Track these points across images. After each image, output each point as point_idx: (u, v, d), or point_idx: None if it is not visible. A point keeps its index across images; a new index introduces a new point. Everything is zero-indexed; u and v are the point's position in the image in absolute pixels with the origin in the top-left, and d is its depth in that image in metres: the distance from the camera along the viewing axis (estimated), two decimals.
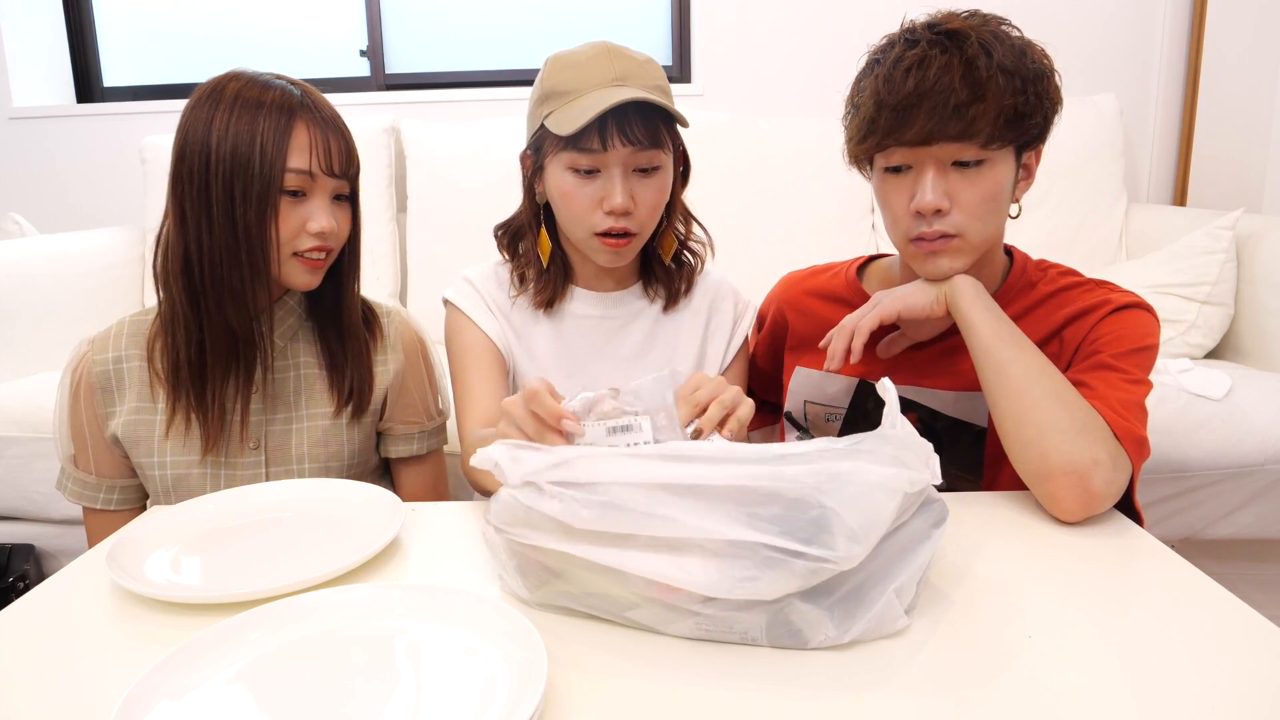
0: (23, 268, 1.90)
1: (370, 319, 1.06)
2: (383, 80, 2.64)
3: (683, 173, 1.04)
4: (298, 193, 0.91)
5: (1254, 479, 1.51)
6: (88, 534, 1.04)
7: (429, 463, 1.12)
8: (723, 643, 0.59)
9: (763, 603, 0.56)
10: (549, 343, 1.04)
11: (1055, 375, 0.82)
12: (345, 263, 1.00)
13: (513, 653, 0.56)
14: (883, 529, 0.56)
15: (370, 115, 2.23)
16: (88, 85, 2.69)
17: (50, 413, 1.03)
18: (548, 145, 0.95)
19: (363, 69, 2.64)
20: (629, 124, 0.90)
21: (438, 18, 2.63)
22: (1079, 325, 0.92)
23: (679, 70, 2.60)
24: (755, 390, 1.18)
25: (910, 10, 0.92)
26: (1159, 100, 2.48)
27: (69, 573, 0.74)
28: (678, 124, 0.95)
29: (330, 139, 0.92)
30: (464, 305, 1.03)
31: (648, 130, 0.92)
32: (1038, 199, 2.18)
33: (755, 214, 2.23)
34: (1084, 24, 2.44)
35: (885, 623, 0.58)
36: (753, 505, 0.55)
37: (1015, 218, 0.94)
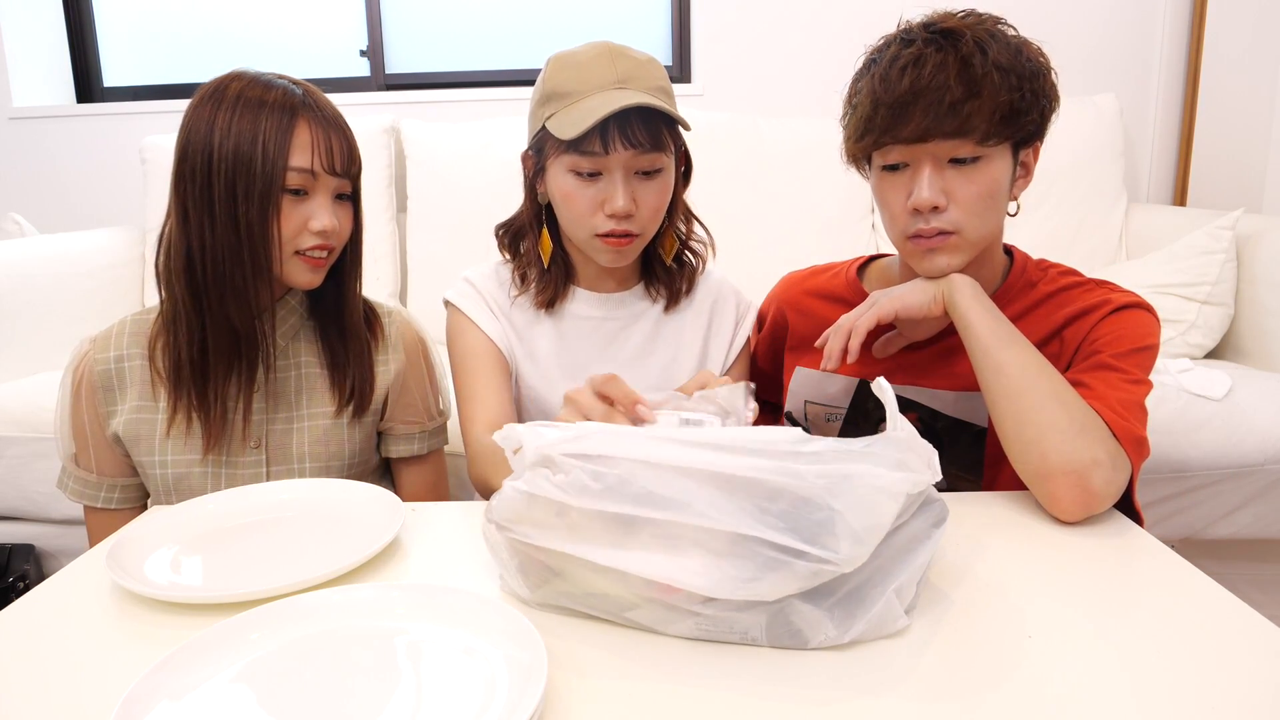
0: (23, 268, 1.90)
1: (371, 319, 1.06)
2: (383, 80, 2.64)
3: (684, 173, 1.04)
4: (300, 191, 0.92)
5: (1254, 479, 1.51)
6: (88, 533, 1.04)
7: (429, 463, 1.12)
8: (723, 643, 0.59)
9: (763, 603, 0.56)
10: (550, 343, 1.04)
11: (1054, 375, 0.83)
12: (347, 262, 1.01)
13: (513, 653, 0.56)
14: (885, 531, 0.56)
15: (370, 115, 2.23)
16: (88, 85, 2.69)
17: (50, 413, 1.03)
18: (549, 147, 0.95)
19: (363, 69, 2.65)
20: (631, 127, 0.90)
21: (438, 18, 2.63)
22: (1079, 325, 0.92)
23: (679, 70, 2.60)
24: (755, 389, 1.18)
25: (907, 10, 0.93)
26: (1159, 100, 2.48)
27: (69, 573, 0.74)
28: (680, 127, 0.95)
29: (332, 138, 0.93)
30: (465, 307, 1.03)
31: (650, 133, 0.91)
32: (1038, 199, 2.18)
33: (755, 214, 2.23)
34: (1084, 24, 2.44)
35: (885, 623, 0.58)
36: (763, 499, 0.55)
37: (1014, 215, 0.94)
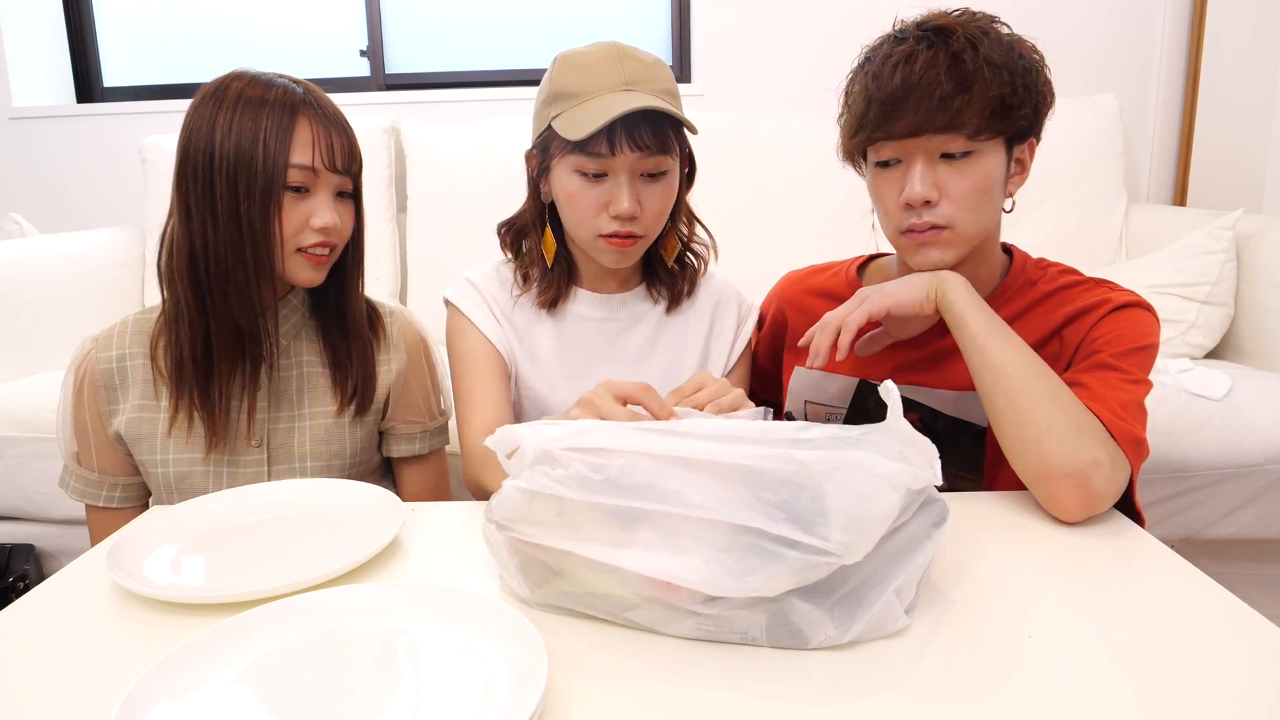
0: (23, 268, 1.90)
1: (373, 318, 1.06)
2: (383, 80, 2.64)
3: (688, 175, 1.04)
4: (301, 189, 0.92)
5: (1254, 479, 1.51)
6: (90, 532, 1.04)
7: (430, 462, 1.12)
8: (723, 643, 0.59)
9: (763, 603, 0.56)
10: (551, 344, 1.04)
11: (1051, 375, 0.82)
12: (349, 261, 1.01)
13: (513, 653, 0.56)
14: (882, 523, 0.56)
15: (370, 115, 2.23)
16: (88, 85, 2.69)
17: (51, 412, 1.03)
18: (554, 147, 0.95)
19: (363, 69, 2.65)
20: (638, 130, 0.90)
21: (438, 18, 2.63)
22: (1079, 324, 0.92)
23: (679, 70, 2.60)
24: (755, 390, 1.18)
25: (903, 10, 0.93)
26: (1159, 100, 2.48)
27: (69, 573, 0.74)
28: (686, 129, 0.95)
29: (333, 135, 0.93)
30: (465, 308, 1.03)
31: (656, 136, 0.91)
32: (1038, 199, 2.18)
33: (755, 214, 2.23)
34: (1084, 24, 2.43)
35: (885, 623, 0.58)
36: (759, 488, 0.56)
37: (1009, 212, 0.94)
